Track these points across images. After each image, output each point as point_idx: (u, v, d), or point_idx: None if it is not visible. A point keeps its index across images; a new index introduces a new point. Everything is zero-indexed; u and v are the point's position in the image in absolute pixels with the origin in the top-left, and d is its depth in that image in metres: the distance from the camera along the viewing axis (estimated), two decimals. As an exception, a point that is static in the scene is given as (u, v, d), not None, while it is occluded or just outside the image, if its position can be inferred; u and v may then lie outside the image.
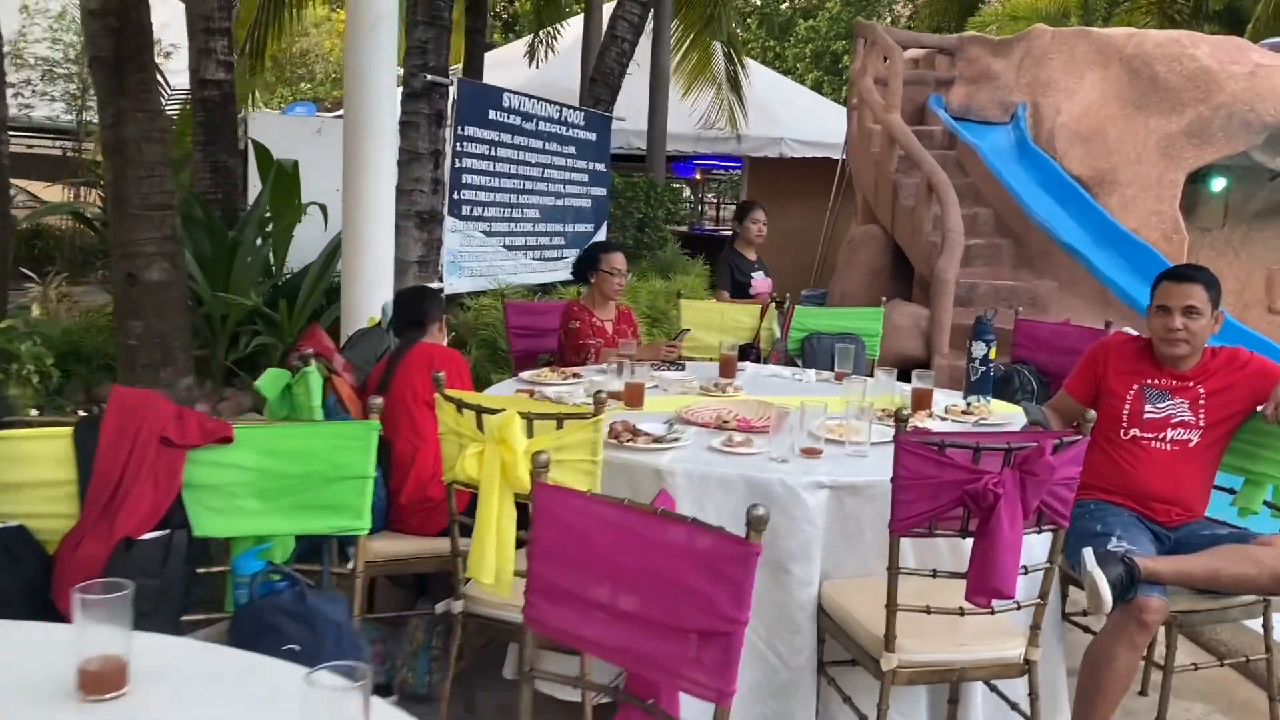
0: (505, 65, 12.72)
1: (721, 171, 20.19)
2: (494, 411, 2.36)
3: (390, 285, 4.83)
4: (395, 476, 3.01)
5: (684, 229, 15.52)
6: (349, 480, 2.12)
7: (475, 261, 6.51)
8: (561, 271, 7.64)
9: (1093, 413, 2.39)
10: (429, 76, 5.91)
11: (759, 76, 13.57)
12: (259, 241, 6.71)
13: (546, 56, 12.45)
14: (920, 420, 3.28)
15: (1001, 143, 9.32)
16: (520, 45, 13.54)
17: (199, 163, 6.99)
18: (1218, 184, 8.54)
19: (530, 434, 2.38)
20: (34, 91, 13.39)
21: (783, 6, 23.24)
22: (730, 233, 6.17)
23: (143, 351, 3.99)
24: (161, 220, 4.02)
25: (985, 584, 2.22)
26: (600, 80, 8.34)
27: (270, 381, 2.86)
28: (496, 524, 2.27)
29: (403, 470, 3.01)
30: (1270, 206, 8.69)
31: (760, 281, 5.81)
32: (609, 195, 8.43)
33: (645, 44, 10.78)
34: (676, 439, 2.91)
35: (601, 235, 8.29)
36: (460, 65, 10.60)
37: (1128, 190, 8.33)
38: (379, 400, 2.48)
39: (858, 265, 9.44)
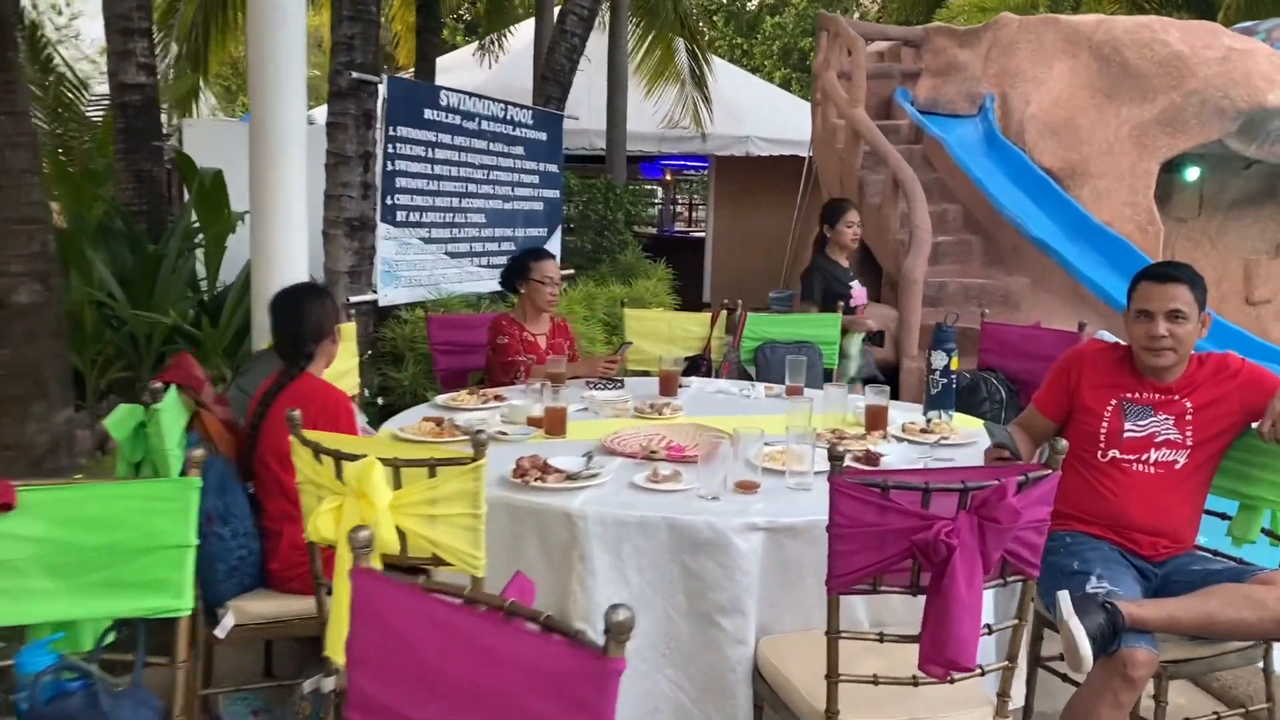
0: (460, 68, 12.33)
1: (692, 172, 19.84)
2: (354, 458, 1.98)
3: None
4: (268, 540, 2.62)
5: (652, 231, 15.18)
6: (164, 550, 1.75)
7: (413, 270, 6.12)
8: (511, 279, 7.25)
9: (1064, 442, 2.03)
10: (354, 74, 5.51)
11: (724, 74, 13.23)
12: (185, 255, 6.30)
13: (498, 58, 12.06)
14: (873, 442, 2.92)
15: (969, 136, 9.00)
16: (472, 48, 13.14)
17: (120, 172, 6.57)
18: (1192, 173, 8.26)
19: (398, 483, 2.00)
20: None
21: (750, 4, 22.92)
22: (818, 237, 5.38)
23: (10, 383, 3.58)
24: (30, 236, 3.62)
25: (940, 653, 1.86)
26: (550, 78, 7.96)
27: (120, 420, 2.47)
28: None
29: (274, 535, 2.62)
30: (1245, 195, 8.41)
31: (859, 292, 5.17)
32: (563, 198, 8.04)
33: (604, 42, 10.45)
34: (594, 475, 2.54)
35: (556, 239, 7.90)
36: (413, 68, 10.23)
37: (1100, 182, 8.03)
38: (297, 413, 2.13)
39: (824, 265, 9.08)
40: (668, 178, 18.79)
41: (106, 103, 6.85)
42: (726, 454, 2.49)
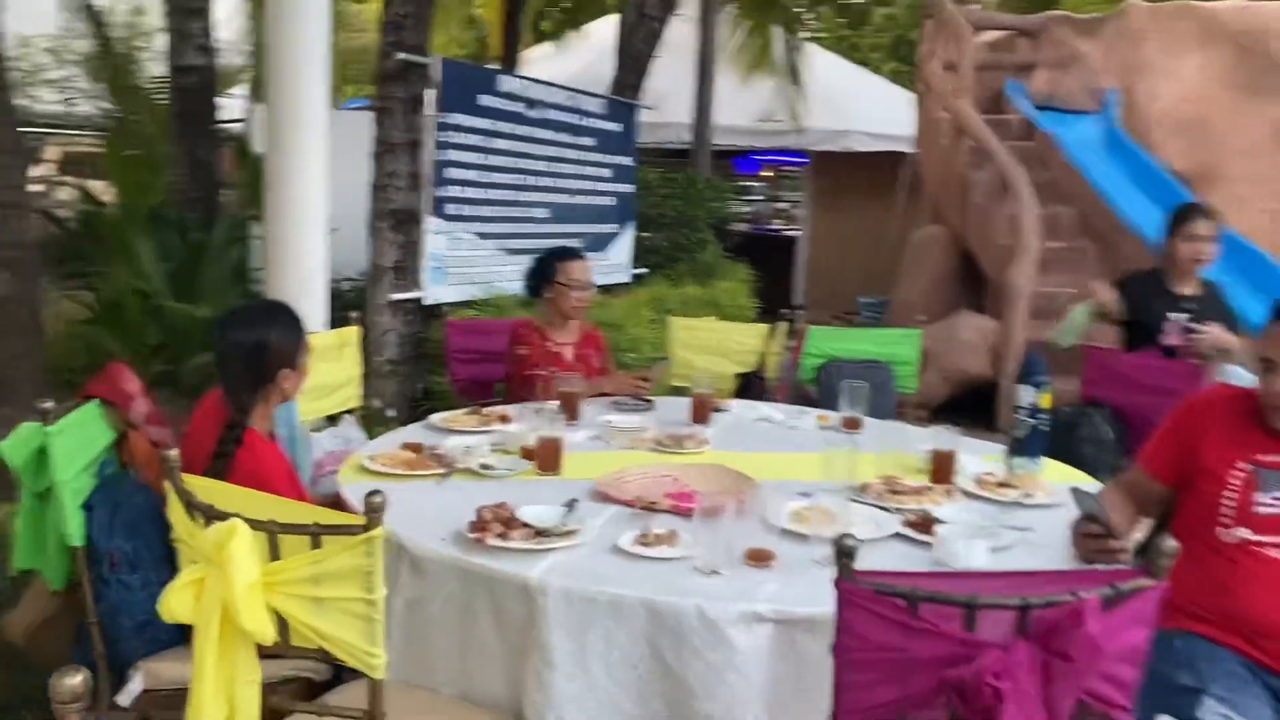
0: (544, 60, 11.98)
1: (794, 168, 19.14)
2: (225, 516, 1.54)
3: (322, 300, 4.07)
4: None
5: (744, 228, 14.61)
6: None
7: (464, 267, 5.73)
8: (577, 277, 6.82)
9: (1172, 543, 1.47)
10: (402, 55, 5.14)
11: (825, 65, 12.56)
12: (234, 245, 6.05)
13: (580, 50, 11.68)
14: (935, 500, 2.37)
15: (1088, 133, 8.20)
16: (557, 43, 12.82)
17: (178, 158, 6.36)
18: (1346, 179, 7.33)
19: (275, 554, 1.55)
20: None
21: (861, -4, 22.06)
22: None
23: (-26, 383, 3.30)
24: (3, 219, 3.32)
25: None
26: (627, 65, 7.49)
27: (18, 443, 2.09)
28: (214, 693, 1.45)
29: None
30: None
31: (1174, 330, 3.64)
32: (637, 192, 7.57)
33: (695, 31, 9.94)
34: (569, 533, 2.06)
35: (628, 236, 7.44)
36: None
37: (1237, 186, 7.17)
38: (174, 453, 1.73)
39: (922, 271, 8.42)
40: (770, 173, 18.13)
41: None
42: (733, 514, 1.98)
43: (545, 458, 2.53)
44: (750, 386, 3.98)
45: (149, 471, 2.28)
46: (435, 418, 3.01)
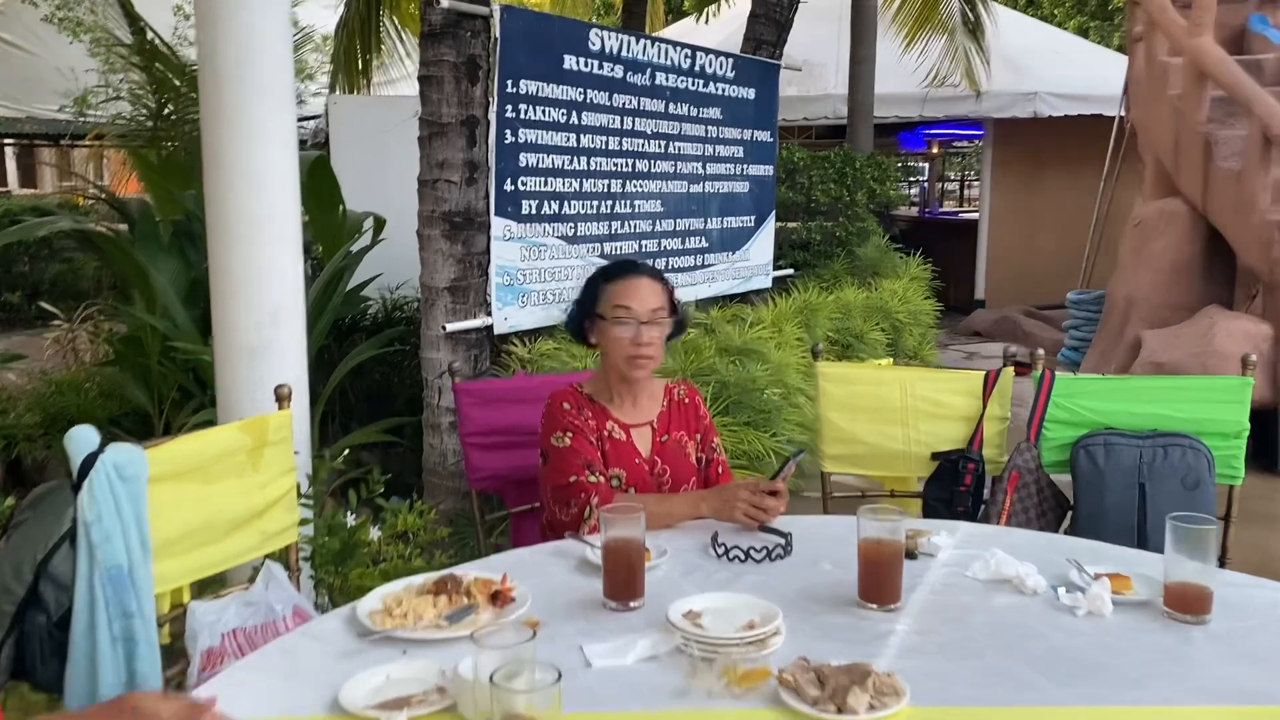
0: (683, 36, 10.58)
1: (964, 143, 17.10)
2: None
3: (298, 344, 2.77)
4: None
5: (912, 213, 12.79)
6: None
7: (547, 282, 4.36)
8: (704, 287, 5.37)
9: None
10: (448, 2, 3.80)
11: (1002, 20, 10.66)
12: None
13: (722, 20, 10.20)
14: None
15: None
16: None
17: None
18: None
19: None
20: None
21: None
22: None
23: None
24: None
25: None
26: (762, 14, 5.94)
27: None
28: None
29: None
30: None
31: None
32: (778, 175, 6.04)
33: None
34: None
35: (767, 231, 5.92)
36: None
37: None
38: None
39: (1152, 258, 6.57)
40: (934, 150, 16.16)
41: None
42: None
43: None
44: (954, 475, 2.44)
45: None
46: (366, 605, 1.61)
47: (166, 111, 5.71)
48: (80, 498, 1.70)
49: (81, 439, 1.74)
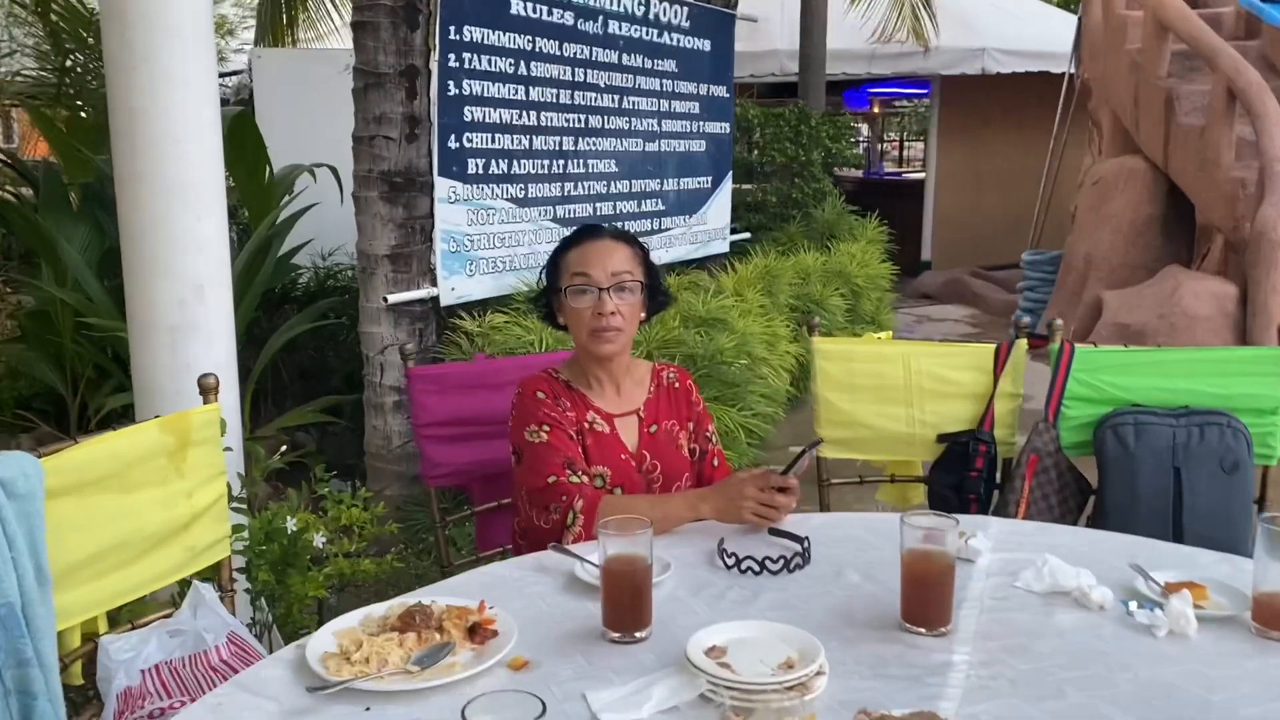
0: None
1: (904, 102, 16.94)
2: None
3: (226, 326, 2.45)
4: None
5: (857, 174, 12.60)
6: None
7: (496, 249, 4.05)
8: (661, 252, 5.09)
9: None
10: (383, -60, 3.45)
11: (949, -27, 10.44)
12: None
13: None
14: None
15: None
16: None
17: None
18: None
19: None
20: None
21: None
22: None
23: None
24: None
25: None
26: (717, -38, 5.65)
27: None
28: None
29: None
30: None
31: None
32: (734, 133, 5.77)
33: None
34: None
35: (724, 193, 5.66)
36: None
37: None
38: None
39: (1111, 216, 6.44)
40: (875, 110, 15.98)
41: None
42: None
43: None
44: (964, 460, 2.22)
45: None
46: (316, 646, 1.33)
47: (70, 64, 5.23)
48: (-43, 522, 1.39)
49: (-43, 450, 1.42)
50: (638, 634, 1.38)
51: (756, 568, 1.57)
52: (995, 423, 2.24)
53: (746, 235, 6.11)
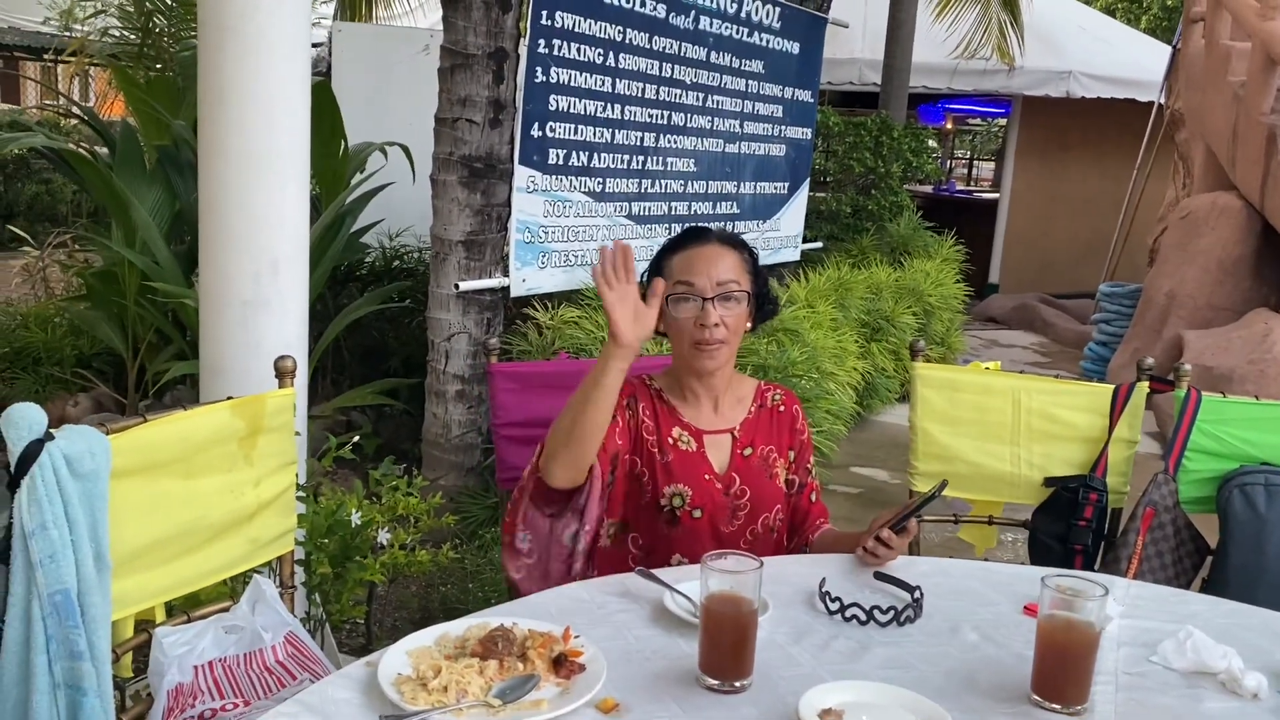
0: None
1: (978, 120, 16.63)
2: None
3: (298, 307, 2.36)
4: None
5: (927, 190, 12.35)
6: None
7: (570, 242, 3.95)
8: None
9: None
10: (482, -83, 3.35)
11: (1036, -7, 10.18)
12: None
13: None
14: None
15: None
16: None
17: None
18: None
19: None
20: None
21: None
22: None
23: None
24: None
25: None
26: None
27: None
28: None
29: None
30: None
31: None
32: (815, 140, 5.62)
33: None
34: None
35: (800, 200, 5.51)
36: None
37: None
38: None
39: (1199, 253, 6.20)
40: (948, 126, 15.69)
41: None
42: None
43: None
44: (1073, 508, 2.06)
45: None
46: (389, 667, 1.22)
47: (152, 25, 5.20)
48: (18, 499, 1.30)
49: (22, 420, 1.33)
50: (737, 683, 1.25)
51: (863, 616, 1.44)
52: (1109, 470, 2.09)
53: (818, 245, 5.96)
